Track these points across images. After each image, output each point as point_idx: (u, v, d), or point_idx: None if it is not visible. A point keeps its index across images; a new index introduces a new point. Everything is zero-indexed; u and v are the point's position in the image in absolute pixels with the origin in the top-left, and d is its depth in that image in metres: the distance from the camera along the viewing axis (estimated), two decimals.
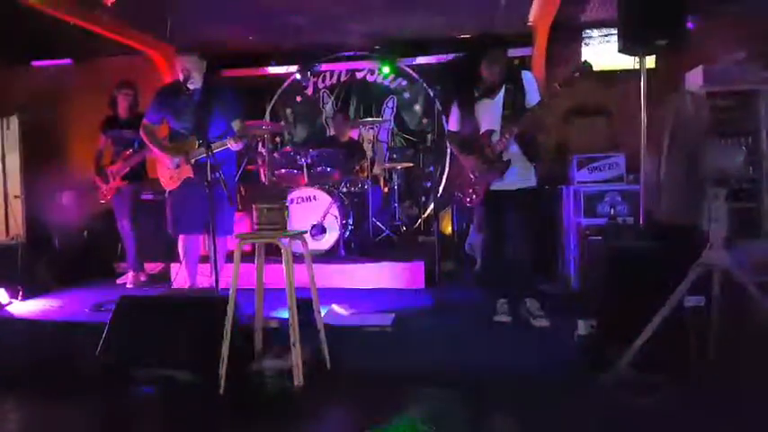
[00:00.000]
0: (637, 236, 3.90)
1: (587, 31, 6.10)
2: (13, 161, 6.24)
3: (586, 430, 2.55)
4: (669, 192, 3.05)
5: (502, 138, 3.46)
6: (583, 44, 6.13)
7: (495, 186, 3.58)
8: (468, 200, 3.76)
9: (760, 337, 2.84)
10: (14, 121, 6.33)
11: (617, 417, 2.65)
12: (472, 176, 3.66)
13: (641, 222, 4.26)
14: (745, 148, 4.01)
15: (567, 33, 6.09)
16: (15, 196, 6.15)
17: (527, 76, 3.59)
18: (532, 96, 3.49)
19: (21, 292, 4.63)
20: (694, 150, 2.84)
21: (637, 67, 4.07)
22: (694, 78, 4.32)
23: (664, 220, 3.70)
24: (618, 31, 4.10)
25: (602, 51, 5.96)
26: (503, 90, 3.53)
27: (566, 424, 2.61)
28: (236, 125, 4.02)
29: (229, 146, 3.89)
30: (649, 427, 2.54)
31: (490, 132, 3.53)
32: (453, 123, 3.77)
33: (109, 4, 3.96)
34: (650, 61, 4.45)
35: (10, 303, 4.47)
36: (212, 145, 3.71)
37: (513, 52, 4.30)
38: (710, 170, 2.81)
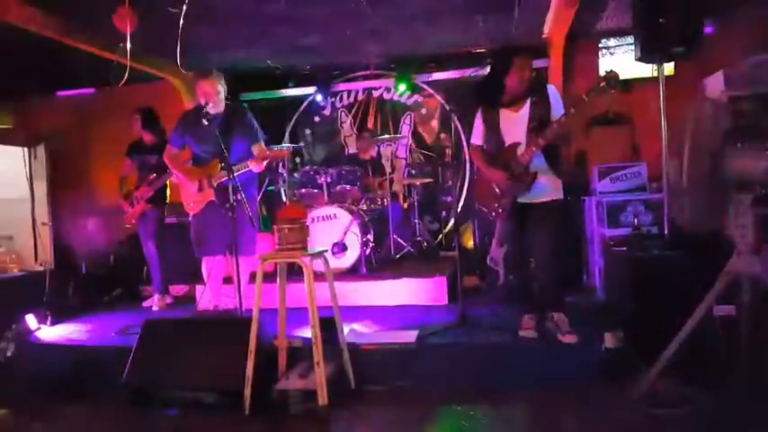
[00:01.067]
0: (662, 245, 3.83)
1: (604, 40, 6.06)
2: (41, 189, 6.40)
3: None
4: (693, 199, 3.00)
5: (528, 149, 3.43)
6: (599, 53, 6.09)
7: (522, 199, 3.54)
8: (492, 213, 3.74)
9: None
10: (41, 151, 6.52)
11: (647, 429, 2.60)
12: (497, 190, 3.63)
13: (666, 231, 4.18)
14: None
15: (583, 43, 6.07)
16: (43, 223, 6.28)
17: (552, 90, 3.56)
18: (557, 110, 3.45)
19: (49, 318, 4.70)
20: (717, 156, 2.79)
21: (655, 74, 4.03)
22: (714, 83, 4.25)
23: (688, 229, 3.63)
24: (635, 39, 4.07)
25: (620, 60, 5.91)
26: (528, 103, 3.52)
27: None
28: (256, 149, 4.07)
29: (251, 168, 3.95)
30: None
31: (516, 145, 3.50)
32: (477, 137, 3.73)
33: (126, 32, 4.04)
34: (669, 68, 4.41)
35: (39, 329, 4.55)
36: (234, 168, 3.77)
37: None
38: (734, 176, 2.76)
